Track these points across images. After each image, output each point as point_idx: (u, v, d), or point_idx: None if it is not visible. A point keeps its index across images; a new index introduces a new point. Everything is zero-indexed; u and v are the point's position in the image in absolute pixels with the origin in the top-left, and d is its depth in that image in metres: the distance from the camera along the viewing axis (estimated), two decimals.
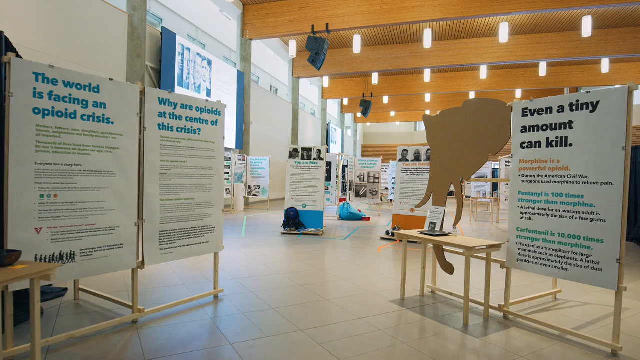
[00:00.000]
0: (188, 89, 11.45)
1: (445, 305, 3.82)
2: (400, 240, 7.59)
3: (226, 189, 12.40)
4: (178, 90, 10.99)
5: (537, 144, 3.26)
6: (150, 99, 3.23)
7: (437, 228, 3.98)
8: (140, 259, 3.24)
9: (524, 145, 3.36)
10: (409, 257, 5.96)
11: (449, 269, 4.01)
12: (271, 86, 23.11)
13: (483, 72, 19.13)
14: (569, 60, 19.15)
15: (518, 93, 23.37)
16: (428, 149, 7.96)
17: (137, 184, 3.17)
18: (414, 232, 3.93)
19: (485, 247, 3.33)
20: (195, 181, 3.60)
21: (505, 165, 11.19)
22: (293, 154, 8.84)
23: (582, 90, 9.88)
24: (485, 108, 3.67)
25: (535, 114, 3.28)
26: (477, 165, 3.72)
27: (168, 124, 3.37)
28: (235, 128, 14.35)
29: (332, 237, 8.02)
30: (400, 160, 8.28)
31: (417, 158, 8.06)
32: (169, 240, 3.40)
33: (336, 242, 7.34)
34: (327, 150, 9.07)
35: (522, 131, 3.37)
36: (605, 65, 17.16)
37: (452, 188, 3.98)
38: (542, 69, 18.48)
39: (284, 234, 8.14)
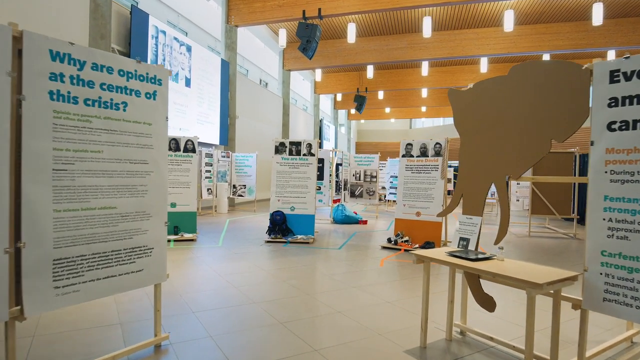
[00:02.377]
0: None
1: (485, 357, 2.68)
2: (406, 250, 6.45)
3: (208, 189, 11.19)
4: None
5: (638, 124, 2.12)
6: (33, 50, 2.03)
7: (472, 246, 2.84)
8: (18, 306, 2.04)
9: (613, 126, 2.22)
10: (415, 275, 4.82)
11: (488, 304, 2.87)
12: (261, 80, 21.89)
13: (483, 64, 18.09)
14: (572, 53, 18.22)
15: None
16: (436, 143, 6.83)
17: (9, 185, 1.97)
18: (439, 253, 2.78)
19: (555, 281, 2.19)
20: (118, 181, 2.40)
21: None
22: (280, 149, 7.65)
23: None
24: (546, 74, 2.52)
25: (634, 77, 2.14)
26: (533, 157, 2.57)
27: (68, 92, 2.17)
28: (219, 122, 13.12)
29: (324, 245, 6.86)
30: (403, 156, 7.14)
31: (423, 153, 6.93)
32: (72, 272, 2.20)
33: (329, 253, 6.17)
34: (320, 146, 7.90)
35: (610, 105, 2.23)
36: (611, 57, 16.21)
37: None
38: None
39: (268, 242, 6.96)
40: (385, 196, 14.68)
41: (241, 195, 12.47)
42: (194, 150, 7.54)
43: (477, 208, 2.88)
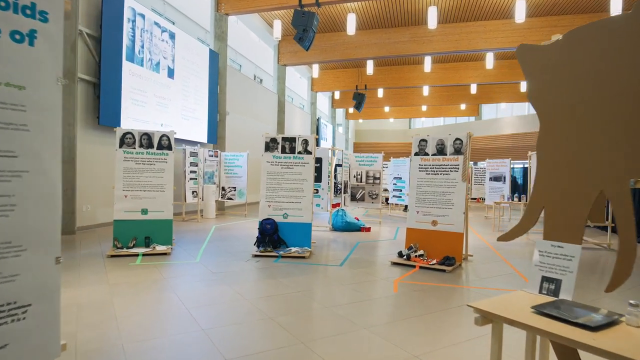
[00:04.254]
0: (142, 65, 9.08)
1: None
2: (422, 267, 5.36)
3: (193, 192, 10.06)
4: (127, 66, 8.63)
5: None
6: None
7: (566, 293, 1.76)
8: None
9: None
10: (443, 306, 3.73)
11: None
12: (255, 76, 20.82)
13: (489, 60, 17.06)
14: None
15: (523, 86, 21.56)
16: (456, 139, 5.75)
17: None
18: (516, 307, 1.69)
19: None
20: None
21: None
22: (271, 145, 6.55)
23: None
24: None
25: None
26: None
27: None
28: (207, 118, 12.01)
29: (323, 261, 5.75)
30: (416, 154, 6.06)
31: (440, 151, 5.85)
32: None
33: (329, 272, 5.07)
34: (317, 143, 6.83)
35: None
36: None
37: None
38: None
39: (256, 256, 5.85)
40: (387, 199, 13.61)
41: (230, 199, 11.35)
42: (170, 147, 6.43)
43: (574, 231, 1.79)
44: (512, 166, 12.15)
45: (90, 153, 8.11)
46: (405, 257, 5.62)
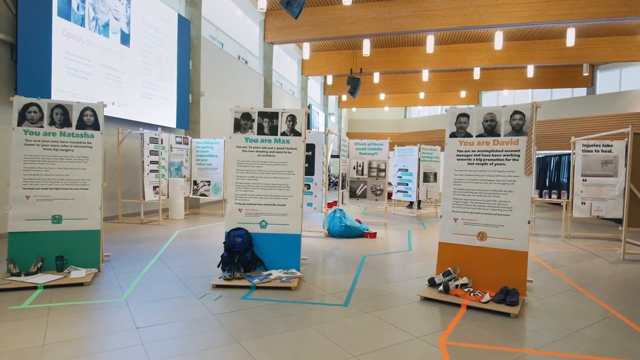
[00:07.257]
0: (82, 24, 7.00)
1: None
2: (469, 306, 3.50)
3: (154, 187, 8.10)
4: (59, 24, 6.56)
5: None
6: None
7: None
8: None
9: None
10: None
11: None
12: (239, 56, 18.70)
13: (498, 40, 15.19)
14: (610, 23, 15.66)
15: (530, 71, 19.88)
16: (515, 112, 3.89)
17: None
18: None
19: None
20: None
21: (583, 152, 7.26)
22: (242, 123, 4.61)
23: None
24: None
25: None
26: None
27: None
28: (175, 99, 9.96)
29: (317, 295, 3.86)
30: (452, 136, 4.19)
31: (490, 130, 3.99)
32: None
33: (328, 322, 3.18)
34: (308, 125, 4.87)
35: None
36: None
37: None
38: (570, 38, 14.81)
39: (218, 287, 3.94)
40: (390, 194, 11.74)
41: (204, 195, 9.40)
42: (96, 126, 4.46)
43: None
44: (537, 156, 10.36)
45: (7, 137, 6.08)
46: (441, 288, 3.76)
